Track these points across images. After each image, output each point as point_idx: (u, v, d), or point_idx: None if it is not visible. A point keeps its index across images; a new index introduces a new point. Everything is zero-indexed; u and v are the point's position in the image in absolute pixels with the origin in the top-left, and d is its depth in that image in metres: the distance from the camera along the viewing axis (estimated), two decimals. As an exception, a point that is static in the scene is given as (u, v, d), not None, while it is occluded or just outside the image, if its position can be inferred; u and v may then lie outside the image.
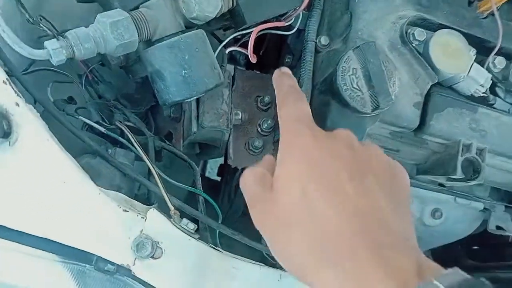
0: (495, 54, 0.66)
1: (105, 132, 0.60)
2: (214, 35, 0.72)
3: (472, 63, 0.64)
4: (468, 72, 0.64)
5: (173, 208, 0.53)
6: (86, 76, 0.66)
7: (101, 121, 0.62)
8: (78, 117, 0.60)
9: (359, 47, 0.58)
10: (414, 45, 0.64)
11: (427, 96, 0.64)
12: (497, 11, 0.64)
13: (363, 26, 0.64)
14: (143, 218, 0.48)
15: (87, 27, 0.50)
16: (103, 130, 0.59)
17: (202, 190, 0.64)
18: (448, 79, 0.64)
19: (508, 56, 0.67)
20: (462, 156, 0.63)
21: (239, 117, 0.70)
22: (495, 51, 0.65)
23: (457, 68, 0.63)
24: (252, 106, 0.75)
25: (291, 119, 0.49)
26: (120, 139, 0.59)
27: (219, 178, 1.32)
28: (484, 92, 0.65)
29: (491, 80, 0.65)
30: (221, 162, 1.31)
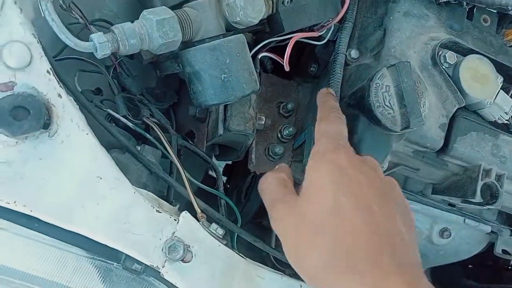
0: (520, 83, 0.67)
1: (132, 127, 0.59)
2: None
3: (499, 91, 0.65)
4: (494, 98, 0.65)
5: (199, 211, 0.53)
6: (114, 68, 0.65)
7: (127, 115, 0.61)
8: (106, 109, 0.59)
9: (394, 65, 0.59)
10: (444, 67, 0.65)
11: (452, 119, 0.65)
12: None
13: (396, 44, 0.64)
14: (175, 221, 0.47)
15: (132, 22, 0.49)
16: (130, 125, 0.59)
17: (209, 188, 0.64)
18: (474, 104, 0.65)
19: (533, 86, 0.68)
20: (482, 180, 0.63)
21: (263, 122, 0.71)
22: (521, 80, 0.66)
23: (484, 94, 0.64)
24: (274, 111, 0.75)
25: (329, 134, 0.52)
26: (147, 136, 0.59)
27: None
28: (508, 120, 0.66)
29: (515, 108, 0.67)
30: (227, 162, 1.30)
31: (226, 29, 0.55)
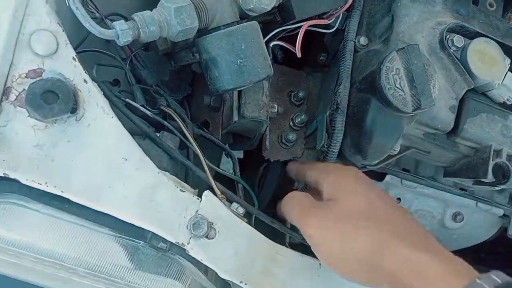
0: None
1: (151, 115, 0.61)
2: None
3: (507, 72, 0.66)
4: (503, 80, 0.66)
5: (219, 192, 0.54)
6: (130, 60, 0.67)
7: (145, 105, 0.63)
8: (125, 99, 0.61)
9: (403, 48, 0.60)
10: (452, 50, 0.66)
11: (461, 101, 0.66)
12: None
13: (404, 29, 0.66)
14: (198, 199, 0.49)
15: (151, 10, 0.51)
16: (149, 113, 0.60)
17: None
18: (482, 86, 0.67)
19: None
20: (493, 160, 0.65)
21: (275, 110, 0.72)
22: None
23: (492, 75, 0.66)
24: (285, 100, 0.77)
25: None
26: (165, 123, 0.60)
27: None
28: (516, 100, 0.68)
29: (523, 89, 0.68)
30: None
31: (240, 16, 0.57)
